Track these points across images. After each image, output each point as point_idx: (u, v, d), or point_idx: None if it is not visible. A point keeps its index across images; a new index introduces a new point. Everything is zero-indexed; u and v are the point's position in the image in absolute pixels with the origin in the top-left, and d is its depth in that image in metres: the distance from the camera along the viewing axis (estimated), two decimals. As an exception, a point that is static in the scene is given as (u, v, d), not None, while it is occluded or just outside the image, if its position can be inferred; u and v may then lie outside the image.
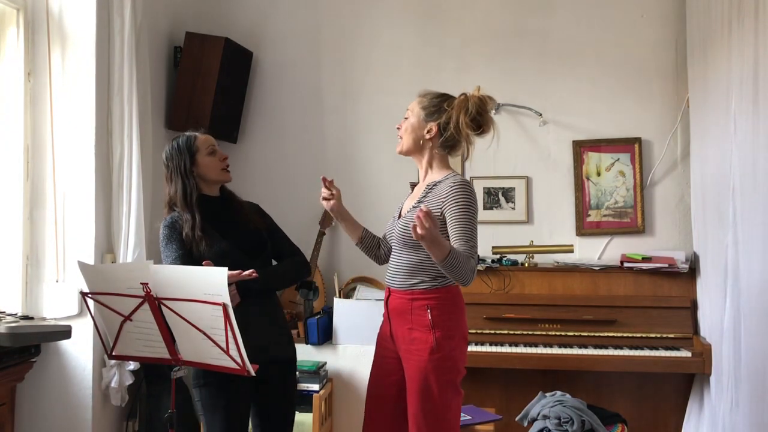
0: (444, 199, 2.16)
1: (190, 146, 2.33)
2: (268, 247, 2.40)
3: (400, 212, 2.36)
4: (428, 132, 2.27)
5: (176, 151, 2.34)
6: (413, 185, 2.46)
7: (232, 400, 2.23)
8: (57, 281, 3.04)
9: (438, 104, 2.28)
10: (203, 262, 2.04)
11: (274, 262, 2.45)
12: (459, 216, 2.12)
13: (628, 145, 3.76)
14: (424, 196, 2.24)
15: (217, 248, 2.25)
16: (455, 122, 2.22)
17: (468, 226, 2.12)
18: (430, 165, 2.31)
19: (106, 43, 3.16)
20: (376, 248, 2.49)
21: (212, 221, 2.31)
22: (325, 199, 2.37)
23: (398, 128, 2.34)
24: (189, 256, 2.24)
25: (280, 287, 2.52)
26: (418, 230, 1.90)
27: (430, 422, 2.14)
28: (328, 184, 2.36)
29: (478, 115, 2.22)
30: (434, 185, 2.24)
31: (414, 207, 2.25)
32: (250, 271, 2.10)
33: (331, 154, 4.01)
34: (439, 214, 2.16)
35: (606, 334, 3.39)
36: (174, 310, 1.92)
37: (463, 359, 2.23)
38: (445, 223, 2.16)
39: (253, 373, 1.91)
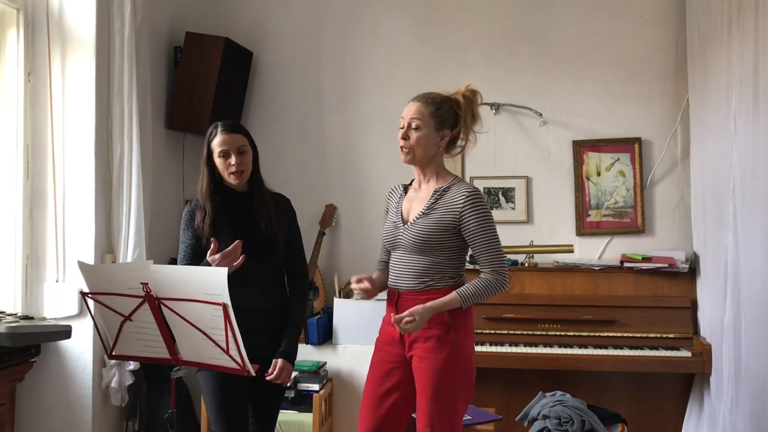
0: (460, 211, 2.17)
1: (209, 141, 2.34)
2: (280, 251, 2.38)
3: (403, 217, 2.30)
4: (442, 140, 2.24)
5: (205, 139, 2.36)
6: (406, 187, 2.41)
7: (228, 383, 2.24)
8: (57, 281, 3.04)
9: (448, 110, 2.23)
10: (211, 240, 2.17)
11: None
12: (482, 231, 2.16)
13: (628, 145, 3.76)
14: (434, 203, 2.21)
15: (224, 247, 2.25)
16: (466, 125, 2.24)
17: (491, 239, 2.17)
18: (435, 171, 2.28)
19: (106, 43, 3.16)
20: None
21: (229, 217, 2.32)
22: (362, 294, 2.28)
23: (404, 139, 2.23)
24: (199, 247, 2.28)
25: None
26: (407, 330, 2.07)
27: (444, 418, 2.13)
28: (359, 283, 2.25)
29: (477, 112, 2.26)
30: (443, 192, 2.22)
31: (424, 213, 2.22)
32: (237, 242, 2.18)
33: (331, 154, 4.01)
34: (452, 222, 2.17)
35: (606, 334, 3.39)
36: (174, 310, 1.92)
37: (473, 355, 2.25)
38: (456, 233, 2.18)
39: (253, 373, 1.92)
